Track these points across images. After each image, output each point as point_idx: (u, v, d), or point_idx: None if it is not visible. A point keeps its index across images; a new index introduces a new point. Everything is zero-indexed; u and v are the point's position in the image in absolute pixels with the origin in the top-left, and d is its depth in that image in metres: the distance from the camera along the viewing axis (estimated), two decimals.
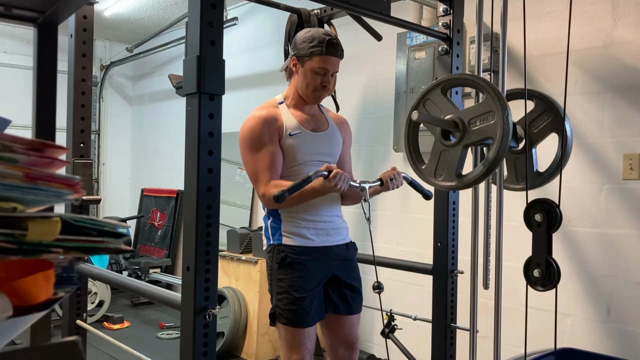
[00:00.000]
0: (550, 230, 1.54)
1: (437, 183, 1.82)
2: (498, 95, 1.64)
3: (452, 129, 1.74)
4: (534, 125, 1.97)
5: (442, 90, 1.82)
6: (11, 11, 2.09)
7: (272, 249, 1.99)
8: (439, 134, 1.80)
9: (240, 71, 4.70)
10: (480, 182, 1.78)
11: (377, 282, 1.78)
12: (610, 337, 2.49)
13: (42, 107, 2.24)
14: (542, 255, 1.54)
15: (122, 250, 0.58)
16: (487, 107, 1.67)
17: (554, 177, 1.97)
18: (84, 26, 2.41)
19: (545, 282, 1.55)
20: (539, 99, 1.97)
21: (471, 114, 1.71)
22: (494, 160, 1.63)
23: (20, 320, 0.53)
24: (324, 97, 2.05)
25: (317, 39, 1.96)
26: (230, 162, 4.72)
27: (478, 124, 1.69)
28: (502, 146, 1.62)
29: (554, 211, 1.53)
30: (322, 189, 1.84)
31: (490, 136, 1.66)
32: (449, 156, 1.77)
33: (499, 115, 1.63)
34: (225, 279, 3.97)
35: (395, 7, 2.36)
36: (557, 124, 1.92)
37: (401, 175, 2.01)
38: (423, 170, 1.87)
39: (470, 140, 1.72)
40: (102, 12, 5.09)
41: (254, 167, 1.95)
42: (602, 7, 2.55)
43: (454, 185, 1.77)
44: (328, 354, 2.14)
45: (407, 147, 1.91)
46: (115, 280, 2.33)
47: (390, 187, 1.98)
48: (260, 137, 1.93)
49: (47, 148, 0.54)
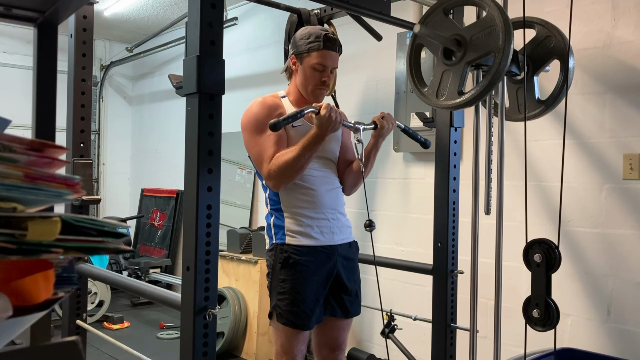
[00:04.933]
0: (550, 270, 1.53)
1: (439, 103, 1.81)
2: (499, 8, 1.65)
3: (453, 46, 1.74)
4: (535, 52, 1.97)
5: (444, 10, 1.82)
6: (11, 11, 2.09)
7: (275, 248, 1.97)
8: (440, 54, 1.79)
9: (240, 71, 4.70)
10: (482, 97, 1.74)
11: (369, 220, 1.77)
12: (610, 337, 2.49)
13: (42, 107, 2.24)
14: (542, 295, 1.53)
15: (122, 250, 0.58)
16: (489, 22, 1.67)
17: (556, 105, 1.96)
18: (83, 26, 2.41)
19: (545, 323, 1.54)
20: (540, 26, 1.97)
21: (473, 30, 1.71)
22: (496, 71, 1.62)
23: (20, 320, 0.53)
24: (324, 96, 2.05)
25: (314, 34, 1.96)
26: (230, 162, 4.72)
27: (480, 39, 1.70)
28: (505, 57, 1.61)
29: (553, 252, 1.52)
30: (320, 129, 1.82)
31: (492, 50, 1.65)
32: (450, 75, 1.77)
33: (501, 27, 1.63)
34: (225, 279, 3.97)
35: (395, 7, 2.36)
36: (560, 49, 1.91)
37: (391, 116, 2.03)
38: (425, 92, 1.86)
39: (472, 56, 1.71)
40: (102, 12, 5.09)
41: (258, 149, 1.93)
42: (602, 7, 2.55)
43: (457, 102, 1.75)
44: (315, 353, 2.14)
45: (408, 69, 1.90)
46: (115, 280, 2.33)
47: (384, 126, 2.00)
48: (264, 119, 1.91)
49: (47, 148, 0.54)
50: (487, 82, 1.65)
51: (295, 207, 1.96)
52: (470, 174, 1.99)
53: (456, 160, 2.43)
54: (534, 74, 1.96)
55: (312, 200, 1.96)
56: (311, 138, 1.84)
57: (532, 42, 1.96)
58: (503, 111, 1.83)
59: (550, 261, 1.52)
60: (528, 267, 1.56)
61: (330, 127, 1.83)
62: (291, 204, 1.97)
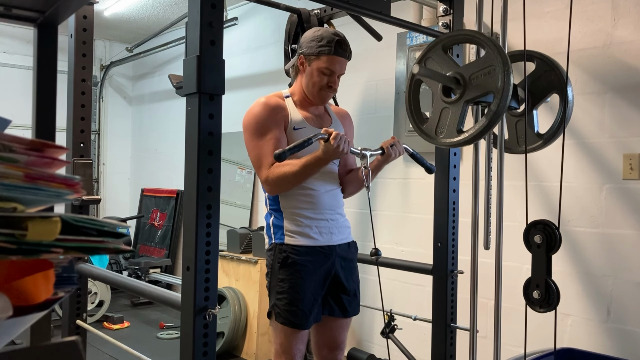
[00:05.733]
0: (550, 252, 1.53)
1: (438, 141, 1.80)
2: (499, 49, 1.64)
3: (453, 85, 1.73)
4: (535, 85, 1.97)
5: (444, 47, 1.81)
6: (11, 11, 2.09)
7: (274, 248, 1.97)
8: (440, 91, 1.79)
9: (240, 71, 4.70)
10: (481, 137, 1.74)
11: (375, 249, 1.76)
12: (610, 337, 2.49)
13: (42, 107, 2.24)
14: (542, 276, 1.53)
15: (122, 250, 0.58)
16: (488, 61, 1.66)
17: (555, 139, 1.96)
18: (84, 26, 2.41)
19: (545, 304, 1.54)
20: (539, 60, 1.97)
21: (472, 69, 1.71)
22: (495, 112, 1.62)
23: (20, 320, 0.53)
24: (329, 98, 2.04)
25: (326, 38, 1.95)
26: (230, 162, 4.72)
27: (479, 79, 1.69)
28: (504, 98, 1.61)
29: (554, 233, 1.52)
30: (325, 155, 1.80)
31: (492, 90, 1.65)
32: (450, 113, 1.76)
33: (500, 68, 1.62)
34: (225, 279, 3.97)
35: (395, 7, 2.36)
36: (559, 83, 1.91)
37: (401, 144, 2.00)
38: (424, 128, 1.85)
39: (471, 95, 1.71)
40: (102, 12, 5.09)
41: (258, 152, 1.92)
42: (602, 7, 2.55)
43: (456, 141, 1.75)
44: (314, 353, 2.14)
45: (408, 106, 1.90)
46: (115, 280, 2.33)
47: (391, 155, 1.96)
48: (266, 122, 1.91)
49: (47, 148, 0.54)
50: (486, 122, 1.65)
51: (294, 207, 1.96)
52: (470, 173, 1.99)
53: (456, 160, 2.43)
54: (533, 108, 1.97)
55: (311, 200, 1.96)
56: (314, 160, 1.83)
57: (531, 76, 1.95)
58: (502, 144, 1.86)
59: (550, 242, 1.53)
60: (528, 249, 1.57)
61: (336, 155, 1.82)
62: (290, 204, 1.97)
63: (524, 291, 1.58)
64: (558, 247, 1.53)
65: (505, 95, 1.60)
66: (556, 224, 1.52)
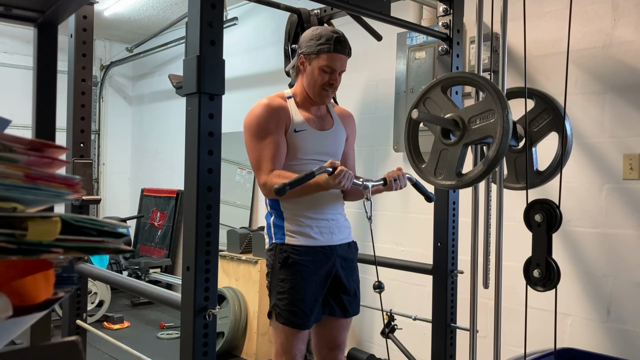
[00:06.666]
0: (550, 230, 1.54)
1: (437, 182, 1.82)
2: (498, 93, 1.64)
3: (452, 127, 1.74)
4: (534, 124, 1.97)
5: (442, 88, 1.82)
6: (11, 11, 2.09)
7: (274, 248, 1.97)
8: (439, 133, 1.79)
9: (240, 71, 4.70)
10: (480, 181, 1.78)
11: (378, 282, 1.77)
12: (610, 337, 2.49)
13: (42, 107, 2.24)
14: (542, 255, 1.54)
15: (122, 250, 0.58)
16: (487, 105, 1.67)
17: (554, 176, 1.97)
18: (84, 26, 2.41)
19: (545, 283, 1.55)
20: (539, 98, 1.97)
21: (471, 112, 1.71)
22: (494, 158, 1.63)
23: (20, 320, 0.53)
24: (331, 97, 2.04)
25: (325, 36, 1.95)
26: (230, 162, 4.72)
27: (478, 123, 1.69)
28: (502, 145, 1.62)
29: (554, 211, 1.54)
30: (325, 185, 1.82)
31: (490, 135, 1.66)
32: (449, 155, 1.77)
33: (499, 113, 1.63)
34: (225, 279, 3.97)
35: (395, 7, 2.36)
36: (557, 122, 1.92)
37: (405, 176, 1.98)
38: (423, 169, 1.87)
39: (470, 139, 1.72)
40: (102, 12, 5.09)
41: (257, 156, 1.93)
42: (602, 7, 2.55)
43: (454, 184, 1.77)
44: (314, 353, 2.14)
45: (407, 146, 1.91)
46: (115, 280, 2.33)
47: (393, 188, 1.95)
48: (266, 125, 1.91)
49: (47, 148, 0.54)
50: (485, 167, 1.66)
51: (295, 207, 1.96)
52: None
53: None
54: (532, 145, 1.97)
55: (312, 200, 1.96)
56: (314, 184, 1.83)
57: (530, 113, 1.95)
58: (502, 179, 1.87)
59: (551, 221, 1.53)
60: (529, 228, 1.58)
61: (337, 188, 1.84)
62: (291, 204, 1.97)
63: (524, 271, 1.58)
64: (558, 226, 1.54)
65: (504, 142, 1.61)
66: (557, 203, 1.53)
